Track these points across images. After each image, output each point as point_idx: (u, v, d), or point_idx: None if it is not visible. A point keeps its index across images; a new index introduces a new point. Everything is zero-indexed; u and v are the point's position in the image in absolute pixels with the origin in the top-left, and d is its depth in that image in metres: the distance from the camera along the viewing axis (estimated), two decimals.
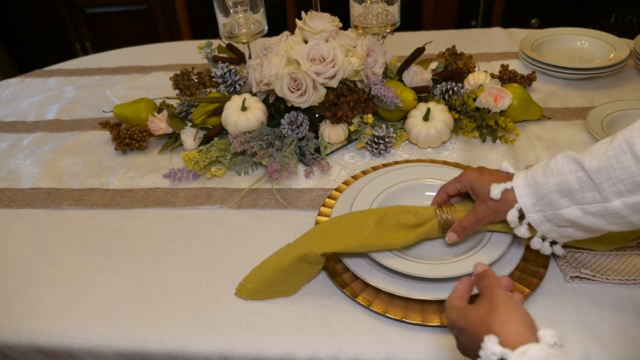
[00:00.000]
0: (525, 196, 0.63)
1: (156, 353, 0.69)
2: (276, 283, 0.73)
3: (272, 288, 0.73)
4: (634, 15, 2.06)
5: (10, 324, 0.73)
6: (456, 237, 0.72)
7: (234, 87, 1.07)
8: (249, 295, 0.74)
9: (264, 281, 0.73)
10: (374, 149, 0.99)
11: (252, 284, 0.74)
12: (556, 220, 0.63)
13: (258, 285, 0.73)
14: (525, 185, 0.63)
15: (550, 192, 0.61)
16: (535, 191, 0.62)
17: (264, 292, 0.73)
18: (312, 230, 0.76)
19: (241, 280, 0.75)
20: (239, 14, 1.09)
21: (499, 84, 1.06)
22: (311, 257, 0.70)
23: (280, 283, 0.73)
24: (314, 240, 0.71)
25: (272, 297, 0.73)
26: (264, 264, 0.76)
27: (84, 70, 1.44)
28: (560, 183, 0.60)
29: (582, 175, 0.59)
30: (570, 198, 0.60)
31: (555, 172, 0.61)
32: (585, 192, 0.59)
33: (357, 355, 0.66)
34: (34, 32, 2.44)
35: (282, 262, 0.72)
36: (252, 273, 0.76)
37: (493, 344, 0.44)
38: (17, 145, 1.14)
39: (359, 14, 1.09)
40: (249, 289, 0.74)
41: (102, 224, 0.90)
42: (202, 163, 0.96)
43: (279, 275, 0.72)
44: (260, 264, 0.76)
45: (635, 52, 1.19)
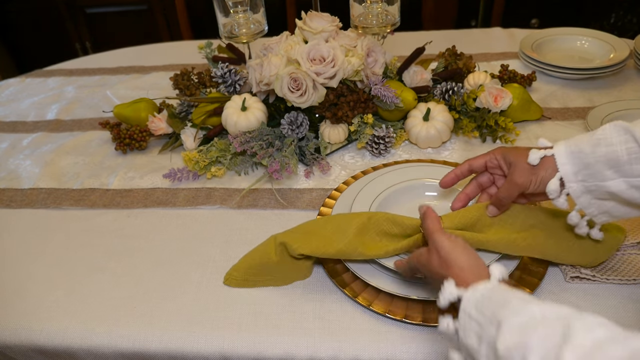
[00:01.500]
0: (567, 164, 0.60)
1: (156, 353, 0.69)
2: (263, 272, 0.75)
3: (260, 277, 0.75)
4: (634, 15, 2.06)
5: (10, 324, 0.73)
6: (496, 211, 0.69)
7: (234, 87, 1.07)
8: (237, 284, 0.76)
9: (252, 270, 0.75)
10: (374, 149, 0.99)
11: (240, 272, 0.76)
12: (597, 193, 0.60)
13: (246, 274, 0.75)
14: (568, 153, 0.60)
15: (597, 162, 0.58)
16: (579, 160, 0.59)
17: (253, 281, 0.75)
18: (299, 226, 0.77)
19: (229, 269, 0.77)
20: (239, 14, 1.09)
21: (499, 84, 1.06)
22: (292, 253, 0.72)
23: (268, 273, 0.75)
24: (295, 238, 0.73)
25: (261, 286, 0.75)
26: (251, 254, 0.77)
27: (84, 70, 1.44)
28: (608, 153, 0.57)
29: (634, 147, 0.56)
30: (616, 170, 0.57)
31: (603, 141, 0.58)
32: (634, 165, 0.56)
33: (357, 355, 0.66)
34: (34, 32, 2.45)
35: (268, 252, 0.74)
36: (240, 262, 0.77)
37: (451, 286, 0.52)
38: (17, 145, 1.14)
39: (359, 14, 1.09)
40: (237, 278, 0.76)
41: (102, 224, 0.90)
42: (202, 163, 0.96)
43: (265, 264, 0.74)
44: (247, 254, 0.78)
45: (635, 52, 1.19)
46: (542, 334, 0.40)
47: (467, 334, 0.48)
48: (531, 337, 0.41)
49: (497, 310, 0.45)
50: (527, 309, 0.43)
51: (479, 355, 0.46)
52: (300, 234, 0.74)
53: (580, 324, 0.39)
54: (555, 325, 0.41)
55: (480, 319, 0.47)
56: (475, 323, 0.47)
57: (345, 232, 0.71)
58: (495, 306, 0.46)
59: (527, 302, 0.45)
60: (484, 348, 0.45)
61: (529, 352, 0.40)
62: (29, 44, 2.48)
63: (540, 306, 0.43)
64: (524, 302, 0.45)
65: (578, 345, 0.38)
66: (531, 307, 0.43)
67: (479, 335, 0.46)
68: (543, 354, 0.39)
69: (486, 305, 0.47)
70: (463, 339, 0.48)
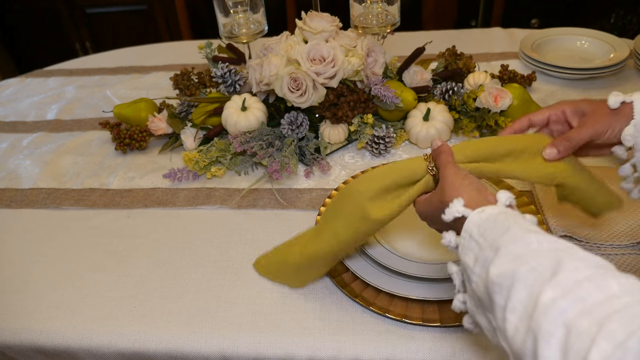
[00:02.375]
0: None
1: (156, 353, 0.69)
2: (282, 271, 0.74)
3: (280, 274, 0.75)
4: (634, 15, 2.06)
5: (10, 324, 0.73)
6: (556, 154, 0.61)
7: (234, 87, 1.08)
8: (261, 271, 0.77)
9: (276, 265, 0.75)
10: (374, 149, 0.99)
11: (267, 260, 0.77)
12: None
13: (269, 264, 0.76)
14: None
15: None
16: None
17: (274, 274, 0.76)
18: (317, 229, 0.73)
19: (262, 254, 0.78)
20: (239, 14, 1.09)
21: (499, 84, 1.06)
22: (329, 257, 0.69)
23: (286, 272, 0.74)
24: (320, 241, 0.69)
25: (279, 282, 0.75)
26: (283, 248, 0.76)
27: (84, 70, 1.44)
28: None
29: None
30: None
31: None
32: None
33: (357, 355, 0.66)
34: (34, 32, 2.45)
35: (293, 252, 0.73)
36: (272, 252, 0.77)
37: (459, 204, 0.52)
38: (17, 145, 1.14)
39: (359, 14, 1.09)
40: (263, 265, 0.77)
41: (102, 224, 0.90)
42: (202, 163, 0.96)
43: (296, 266, 0.72)
44: (281, 246, 0.77)
45: (635, 52, 1.19)
46: (533, 265, 0.41)
47: (465, 252, 0.49)
48: (521, 267, 0.42)
49: (497, 236, 0.46)
50: (526, 239, 0.44)
51: (473, 274, 0.47)
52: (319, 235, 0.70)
53: (570, 261, 0.40)
54: (548, 258, 0.41)
55: (481, 241, 0.47)
56: (475, 244, 0.48)
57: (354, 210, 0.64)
58: (497, 232, 0.47)
59: (527, 231, 0.45)
60: (478, 268, 0.47)
61: (516, 282, 0.41)
62: (29, 44, 2.48)
63: (539, 237, 0.44)
64: (524, 232, 0.45)
65: (560, 282, 0.39)
66: (530, 237, 0.44)
67: (476, 255, 0.47)
68: (529, 285, 0.40)
69: (489, 229, 0.47)
70: (461, 255, 0.50)
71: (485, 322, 0.47)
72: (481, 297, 0.46)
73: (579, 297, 0.37)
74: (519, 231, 0.45)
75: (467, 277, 0.49)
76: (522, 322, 0.40)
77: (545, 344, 0.37)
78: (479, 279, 0.46)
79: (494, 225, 0.47)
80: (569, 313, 0.36)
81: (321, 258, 0.69)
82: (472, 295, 0.49)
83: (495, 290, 0.43)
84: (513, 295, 0.41)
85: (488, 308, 0.45)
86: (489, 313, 0.45)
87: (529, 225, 0.47)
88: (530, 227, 0.46)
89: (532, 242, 0.44)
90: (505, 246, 0.44)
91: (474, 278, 0.47)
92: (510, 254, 0.44)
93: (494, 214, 0.49)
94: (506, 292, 0.42)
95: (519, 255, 0.43)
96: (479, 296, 0.46)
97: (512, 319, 0.41)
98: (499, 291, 0.43)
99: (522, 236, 0.44)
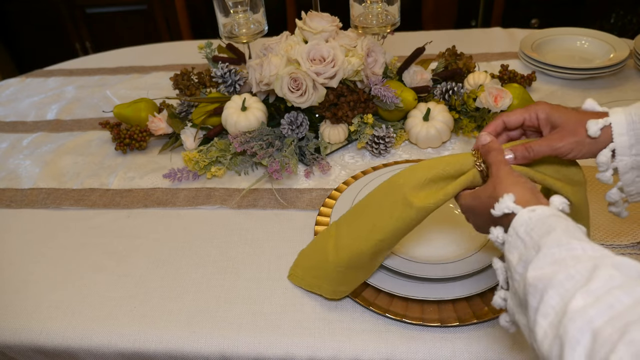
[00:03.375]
0: (624, 136, 0.55)
1: (156, 353, 0.69)
2: (320, 276, 0.71)
3: (317, 280, 0.72)
4: (634, 15, 2.06)
5: (10, 324, 0.73)
6: (512, 159, 0.59)
7: (234, 87, 1.08)
8: (298, 282, 0.75)
9: (311, 272, 0.73)
10: (374, 149, 0.99)
11: (301, 270, 0.75)
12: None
13: (305, 274, 0.74)
14: (629, 122, 0.55)
15: None
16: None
17: (310, 283, 0.73)
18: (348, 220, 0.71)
19: (292, 265, 0.77)
20: (239, 14, 1.09)
21: (499, 84, 1.06)
22: (363, 257, 0.66)
23: (324, 276, 0.71)
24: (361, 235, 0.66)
25: (316, 292, 0.72)
26: (310, 251, 0.75)
27: (84, 70, 1.44)
28: None
29: None
30: None
31: None
32: None
33: (357, 355, 0.66)
34: (34, 32, 2.45)
35: (325, 248, 0.71)
36: (300, 258, 0.76)
37: (509, 200, 0.49)
38: (17, 145, 1.14)
39: (359, 14, 1.09)
40: (298, 276, 0.75)
41: (102, 224, 0.90)
42: (202, 163, 0.96)
43: (322, 264, 0.71)
44: (306, 249, 0.76)
45: (635, 52, 1.19)
46: (571, 272, 0.40)
47: (510, 250, 0.48)
48: (559, 273, 0.41)
49: (542, 236, 0.45)
50: (569, 244, 0.43)
51: (515, 272, 0.47)
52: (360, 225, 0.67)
53: (606, 269, 0.39)
54: (585, 266, 0.40)
55: (527, 239, 0.47)
56: (521, 242, 0.47)
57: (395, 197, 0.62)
58: (542, 232, 0.46)
59: (571, 236, 0.44)
60: (521, 268, 0.46)
61: (551, 287, 0.40)
62: (29, 44, 2.48)
63: (583, 244, 0.43)
64: (569, 236, 0.44)
65: (592, 290, 0.38)
66: (573, 243, 0.43)
67: (521, 254, 0.47)
68: (562, 292, 0.40)
69: (536, 229, 0.46)
70: (507, 253, 0.49)
71: (524, 322, 0.46)
72: (521, 296, 0.45)
73: (608, 305, 0.36)
74: (563, 235, 0.44)
75: (510, 275, 0.48)
76: (551, 328, 0.39)
77: (570, 351, 0.36)
78: (521, 278, 0.46)
79: (542, 225, 0.46)
80: (596, 321, 0.36)
81: (363, 256, 0.66)
82: (514, 293, 0.48)
83: (530, 292, 0.43)
84: (546, 299, 0.40)
85: (525, 308, 0.44)
86: (527, 313, 0.44)
87: (577, 232, 0.45)
88: (577, 233, 0.45)
89: (576, 248, 0.43)
90: (547, 247, 0.44)
91: (517, 277, 0.46)
92: (550, 256, 0.43)
93: (545, 215, 0.47)
94: (539, 295, 0.41)
95: (558, 260, 0.42)
96: (520, 296, 0.46)
97: (543, 323, 0.40)
98: (533, 293, 0.42)
99: (566, 240, 0.43)
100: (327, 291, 0.71)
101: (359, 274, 0.69)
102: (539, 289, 0.41)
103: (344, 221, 0.72)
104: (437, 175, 0.60)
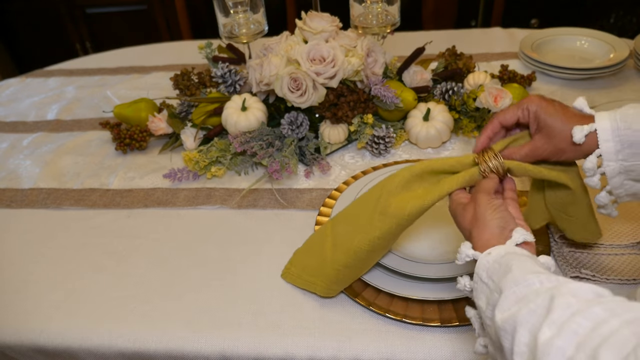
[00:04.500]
0: (610, 142, 0.55)
1: (156, 353, 0.69)
2: (317, 273, 0.71)
3: (314, 278, 0.72)
4: (633, 15, 2.06)
5: (11, 324, 0.73)
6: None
7: (234, 87, 1.08)
8: (292, 280, 0.75)
9: (308, 269, 0.73)
10: (374, 149, 0.99)
11: (297, 268, 0.74)
12: (635, 173, 0.56)
13: (302, 272, 0.74)
14: (614, 129, 0.55)
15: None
16: (625, 137, 0.54)
17: (307, 281, 0.73)
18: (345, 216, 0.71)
19: (286, 264, 0.77)
20: (239, 14, 1.09)
21: (499, 84, 1.06)
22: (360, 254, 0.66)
23: (321, 274, 0.71)
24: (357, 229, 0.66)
25: (311, 290, 0.73)
26: (307, 250, 0.75)
27: (84, 70, 1.45)
28: None
29: None
30: None
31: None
32: None
33: (357, 355, 0.66)
34: (34, 32, 2.45)
35: (323, 243, 0.71)
36: (296, 256, 0.76)
37: (467, 248, 0.53)
38: (17, 145, 1.14)
39: (359, 14, 1.09)
40: (294, 274, 0.75)
41: (102, 224, 0.90)
42: (202, 163, 0.96)
43: (321, 262, 0.71)
44: (303, 247, 0.76)
45: (635, 52, 1.19)
46: (531, 307, 0.41)
47: (478, 296, 0.49)
48: (522, 310, 0.41)
49: (501, 278, 0.46)
50: (526, 280, 0.44)
51: (486, 318, 0.47)
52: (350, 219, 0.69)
53: (562, 298, 0.40)
54: (543, 297, 0.41)
55: (490, 283, 0.48)
56: (486, 287, 0.48)
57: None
58: (501, 274, 0.46)
59: (527, 272, 0.45)
60: (489, 312, 0.47)
61: (519, 326, 0.41)
62: (29, 44, 2.48)
63: (540, 277, 0.44)
64: (524, 272, 0.45)
65: (555, 320, 0.39)
66: (530, 278, 0.44)
67: (488, 298, 0.47)
68: (530, 328, 0.40)
69: (495, 272, 0.47)
70: (476, 299, 0.50)
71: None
72: (494, 340, 0.46)
73: (572, 331, 0.37)
74: (519, 273, 0.45)
75: (483, 321, 0.49)
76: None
77: None
78: (492, 323, 0.46)
79: (500, 267, 0.47)
80: (567, 350, 0.36)
81: (361, 254, 0.66)
82: (490, 338, 0.48)
83: (502, 335, 0.43)
84: (517, 339, 0.41)
85: (501, 351, 0.44)
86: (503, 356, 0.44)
87: (533, 265, 0.46)
88: (533, 267, 0.45)
89: (534, 282, 0.43)
90: (507, 288, 0.44)
91: (488, 322, 0.47)
92: (512, 296, 0.44)
93: (500, 255, 0.48)
94: (510, 336, 0.42)
95: (520, 298, 0.43)
96: (494, 340, 0.46)
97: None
98: (504, 335, 0.43)
99: (522, 277, 0.44)
100: (322, 289, 0.71)
101: (355, 272, 0.70)
102: (509, 330, 0.42)
103: (340, 219, 0.72)
104: (434, 171, 0.62)
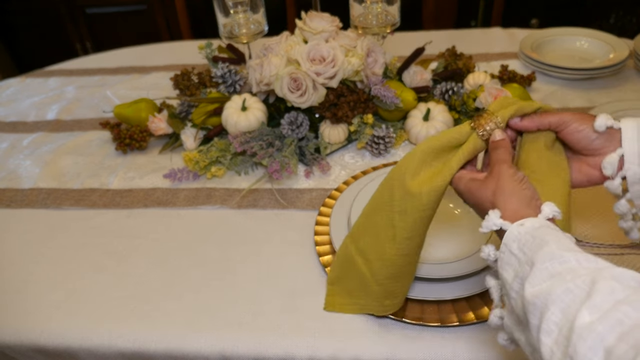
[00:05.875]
0: (634, 141, 0.53)
1: (156, 353, 0.69)
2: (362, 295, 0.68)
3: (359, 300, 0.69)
4: (633, 15, 2.06)
5: (11, 324, 0.73)
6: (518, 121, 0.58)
7: (234, 87, 1.08)
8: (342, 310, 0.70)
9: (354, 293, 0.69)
10: (374, 149, 0.99)
11: (341, 297, 0.70)
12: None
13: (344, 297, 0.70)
14: (637, 127, 0.53)
15: None
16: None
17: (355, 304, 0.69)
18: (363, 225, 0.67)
19: (326, 297, 0.72)
20: (239, 14, 1.09)
21: (498, 84, 1.06)
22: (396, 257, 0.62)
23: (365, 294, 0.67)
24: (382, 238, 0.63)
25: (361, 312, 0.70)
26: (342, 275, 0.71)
27: (84, 70, 1.45)
28: None
29: None
30: None
31: None
32: None
33: (357, 355, 0.66)
34: (34, 32, 2.45)
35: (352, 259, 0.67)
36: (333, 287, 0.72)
37: (496, 217, 0.50)
38: (17, 145, 1.14)
39: (359, 14, 1.09)
40: (340, 303, 0.70)
41: (102, 224, 0.90)
42: (203, 163, 0.96)
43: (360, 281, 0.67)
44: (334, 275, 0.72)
45: (635, 52, 1.19)
46: (569, 286, 0.40)
47: (504, 267, 0.48)
48: (557, 287, 0.40)
49: (536, 251, 0.45)
50: (563, 257, 0.43)
51: (511, 290, 0.46)
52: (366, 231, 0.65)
53: (606, 281, 0.38)
54: (584, 279, 0.40)
55: (521, 256, 0.46)
56: (515, 259, 0.47)
57: None
58: (535, 247, 0.45)
59: (565, 248, 0.43)
60: (517, 285, 0.45)
61: (551, 303, 0.40)
62: (29, 44, 2.48)
63: (577, 255, 0.42)
64: (562, 248, 0.43)
65: (597, 305, 0.37)
66: (567, 255, 0.43)
67: (516, 271, 0.46)
68: (563, 307, 0.39)
69: (528, 244, 0.46)
70: (501, 270, 0.48)
71: (523, 340, 0.45)
72: (519, 314, 0.45)
73: (616, 320, 0.36)
74: (555, 247, 0.43)
75: (506, 293, 0.47)
76: (557, 346, 0.39)
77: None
78: (518, 296, 0.45)
79: (534, 239, 0.46)
80: (607, 338, 0.35)
81: (397, 261, 0.62)
82: (511, 311, 0.47)
83: (530, 310, 0.42)
84: (548, 316, 0.40)
85: (525, 326, 0.44)
86: (528, 331, 0.43)
87: (568, 242, 0.45)
88: (570, 245, 0.44)
89: (570, 260, 0.42)
90: (541, 262, 0.43)
91: (513, 294, 0.46)
92: (545, 271, 0.42)
93: (534, 227, 0.47)
94: (539, 312, 0.41)
95: (554, 274, 0.42)
96: (518, 313, 0.45)
97: (548, 341, 0.39)
98: (532, 311, 0.41)
99: (559, 253, 0.43)
100: (376, 308, 0.68)
101: (401, 282, 0.65)
102: (539, 306, 0.41)
103: (359, 235, 0.68)
104: (435, 150, 0.59)
